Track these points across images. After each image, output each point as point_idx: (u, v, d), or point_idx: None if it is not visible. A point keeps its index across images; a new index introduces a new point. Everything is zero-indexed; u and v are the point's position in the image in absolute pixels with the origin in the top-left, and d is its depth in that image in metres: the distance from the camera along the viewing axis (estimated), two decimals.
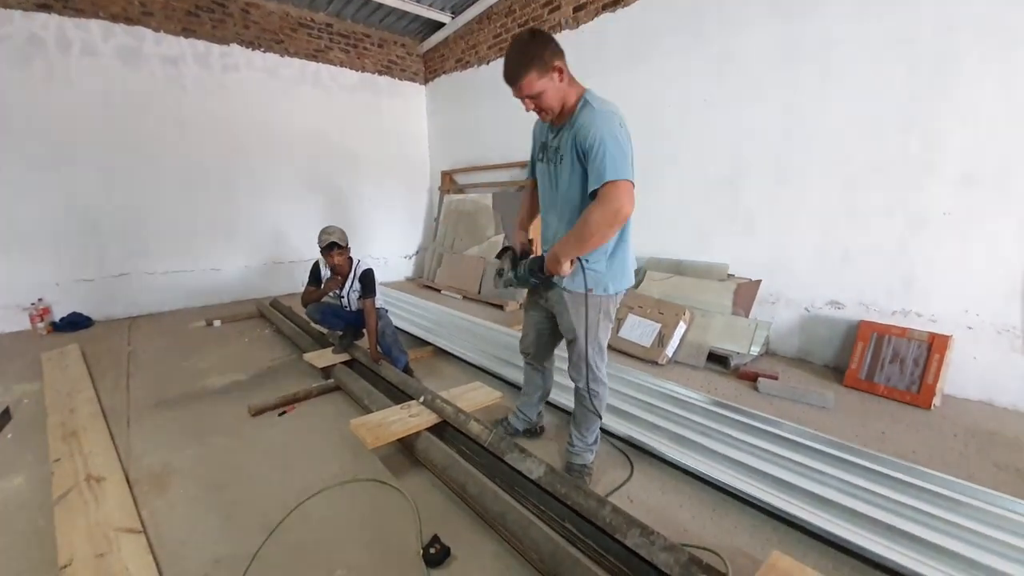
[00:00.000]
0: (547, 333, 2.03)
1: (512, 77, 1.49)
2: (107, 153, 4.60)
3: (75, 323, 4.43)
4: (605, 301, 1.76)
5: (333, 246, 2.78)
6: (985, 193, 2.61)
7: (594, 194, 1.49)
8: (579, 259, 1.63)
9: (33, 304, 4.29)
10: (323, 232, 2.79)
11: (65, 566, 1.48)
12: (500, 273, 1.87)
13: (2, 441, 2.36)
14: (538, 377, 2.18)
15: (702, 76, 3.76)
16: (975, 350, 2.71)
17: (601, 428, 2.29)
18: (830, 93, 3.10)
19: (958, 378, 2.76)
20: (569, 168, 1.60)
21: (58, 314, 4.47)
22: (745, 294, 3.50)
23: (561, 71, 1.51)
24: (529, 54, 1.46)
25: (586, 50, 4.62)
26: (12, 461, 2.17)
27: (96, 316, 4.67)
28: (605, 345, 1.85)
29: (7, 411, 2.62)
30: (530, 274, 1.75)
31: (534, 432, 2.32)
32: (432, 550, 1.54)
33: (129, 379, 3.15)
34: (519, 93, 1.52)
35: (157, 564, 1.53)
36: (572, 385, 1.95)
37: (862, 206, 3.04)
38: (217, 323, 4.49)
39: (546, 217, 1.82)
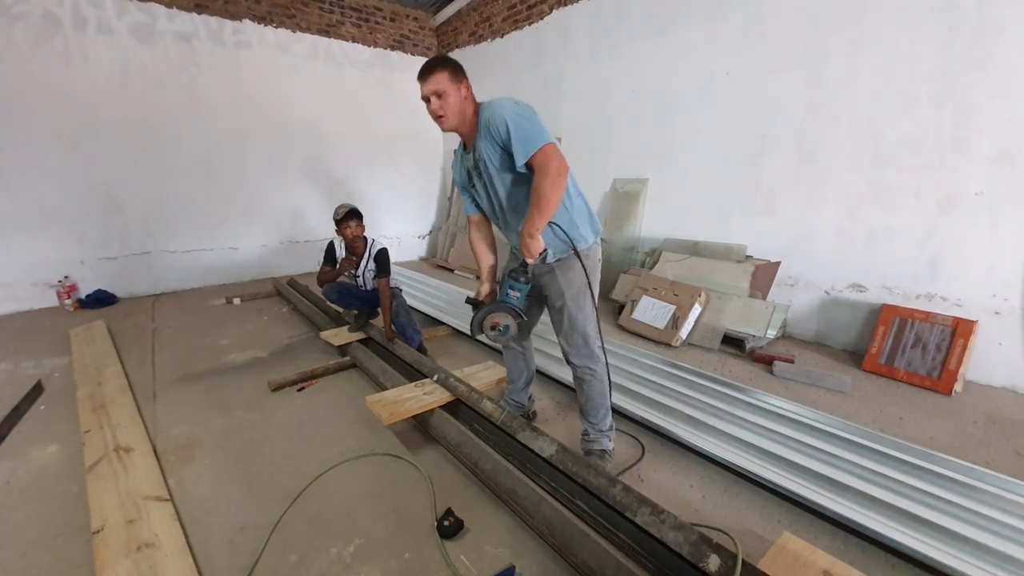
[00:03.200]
0: (533, 304, 1.97)
1: (426, 71, 1.60)
2: (125, 131, 4.65)
3: (100, 300, 4.56)
4: (591, 256, 1.76)
5: (352, 214, 2.80)
6: (1019, 171, 2.49)
7: (529, 168, 1.55)
8: (552, 228, 1.66)
9: (60, 281, 4.42)
10: (339, 206, 2.83)
11: (97, 531, 1.56)
12: (501, 329, 1.73)
13: (35, 412, 2.47)
14: (520, 360, 2.16)
15: (725, 47, 3.62)
16: (1001, 336, 2.64)
17: (613, 409, 2.30)
18: (860, 66, 2.96)
19: (982, 364, 2.69)
20: (498, 167, 1.63)
21: (84, 291, 4.61)
22: (763, 276, 3.43)
23: (468, 88, 1.63)
24: (445, 60, 1.61)
25: (604, 18, 4.48)
26: (45, 431, 2.28)
27: (120, 293, 4.80)
28: (594, 316, 1.78)
29: (39, 384, 2.73)
30: (525, 284, 1.70)
31: (527, 417, 2.31)
32: (446, 523, 1.58)
33: (154, 354, 3.25)
34: (427, 88, 1.60)
35: (184, 531, 1.60)
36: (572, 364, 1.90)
37: (890, 185, 2.93)
38: (237, 301, 4.58)
39: (507, 229, 1.82)
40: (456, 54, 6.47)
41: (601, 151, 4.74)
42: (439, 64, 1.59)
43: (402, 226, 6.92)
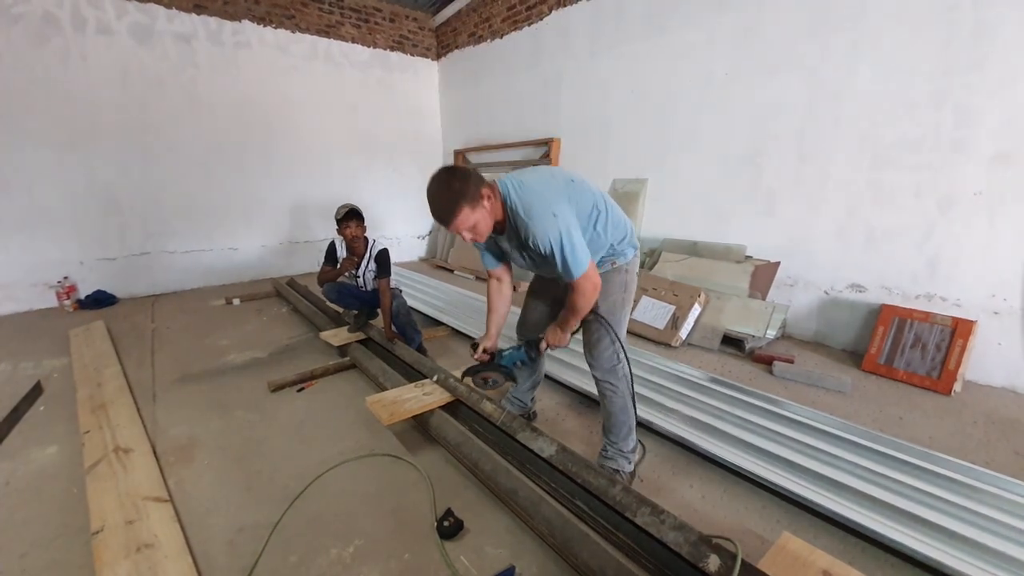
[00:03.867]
0: (547, 318, 1.98)
1: (445, 216, 1.47)
2: (125, 132, 4.65)
3: (100, 300, 4.56)
4: (628, 272, 1.76)
5: (352, 215, 2.80)
6: (1018, 171, 2.50)
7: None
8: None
9: (59, 282, 4.42)
10: (340, 206, 2.83)
11: (97, 532, 1.56)
12: (491, 383, 1.94)
13: (35, 413, 2.47)
14: (531, 364, 2.14)
15: (725, 47, 3.62)
16: (1000, 336, 2.64)
17: None
18: (859, 66, 2.96)
19: (981, 364, 2.69)
20: (537, 258, 1.61)
21: (83, 292, 4.60)
22: (763, 276, 3.43)
23: (488, 196, 1.50)
24: (456, 190, 1.44)
25: (603, 19, 4.48)
26: (45, 432, 2.27)
27: (120, 294, 4.80)
28: (623, 330, 1.79)
29: (38, 385, 2.73)
30: (532, 360, 1.93)
31: (527, 417, 2.32)
32: (446, 523, 1.58)
33: (153, 355, 3.25)
34: (455, 229, 1.51)
35: (184, 531, 1.60)
36: (584, 369, 1.92)
37: (889, 186, 2.94)
38: (236, 301, 4.58)
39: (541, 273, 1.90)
40: (455, 55, 6.48)
41: (600, 151, 4.75)
42: (454, 202, 1.43)
43: (402, 226, 6.92)
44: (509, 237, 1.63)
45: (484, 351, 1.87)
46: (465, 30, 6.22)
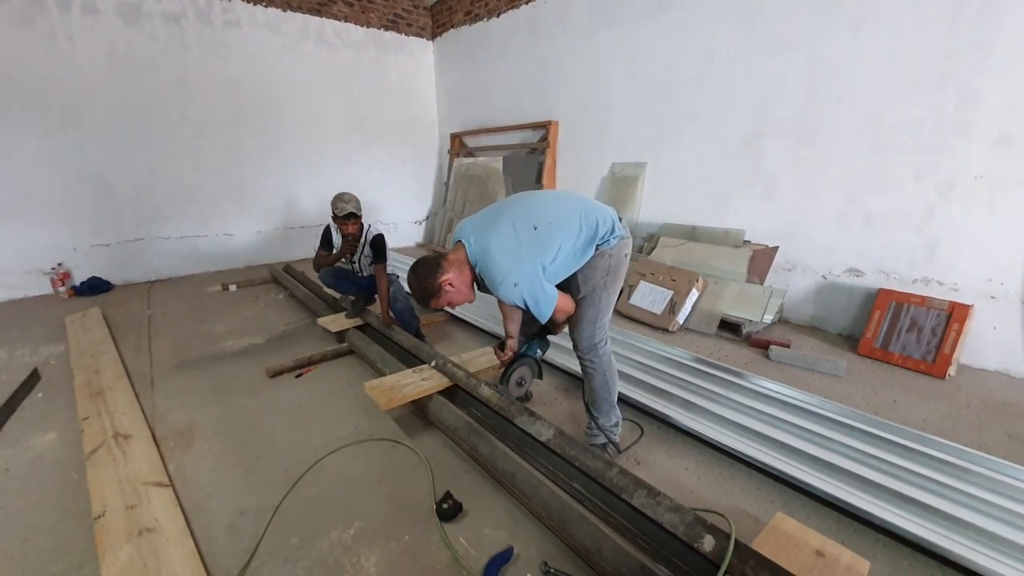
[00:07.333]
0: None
1: (423, 304, 1.74)
2: (115, 116, 4.55)
3: (95, 287, 4.53)
4: (612, 256, 1.75)
5: (351, 216, 2.74)
6: (1020, 155, 2.48)
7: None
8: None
9: (53, 268, 4.38)
10: (339, 199, 2.74)
11: (98, 517, 1.57)
12: (522, 382, 2.09)
13: (33, 400, 2.47)
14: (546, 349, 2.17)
15: (727, 27, 3.55)
16: (996, 320, 2.65)
17: None
18: (862, 47, 2.91)
19: (976, 348, 2.71)
20: None
21: (78, 278, 4.57)
22: (761, 261, 3.43)
23: (451, 281, 1.66)
24: (422, 291, 1.67)
25: None
26: (44, 419, 2.28)
27: (115, 280, 4.77)
28: (608, 313, 1.82)
29: (36, 372, 2.72)
30: (547, 346, 2.13)
31: (523, 398, 2.34)
32: (445, 505, 1.60)
33: (150, 341, 3.24)
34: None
35: (185, 515, 1.61)
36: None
37: (890, 169, 2.91)
38: (233, 287, 4.56)
39: None
40: (451, 34, 6.34)
41: (599, 135, 4.69)
42: (424, 298, 1.68)
43: (399, 211, 6.86)
44: (486, 288, 1.74)
45: (509, 349, 1.99)
46: (461, 8, 6.07)
